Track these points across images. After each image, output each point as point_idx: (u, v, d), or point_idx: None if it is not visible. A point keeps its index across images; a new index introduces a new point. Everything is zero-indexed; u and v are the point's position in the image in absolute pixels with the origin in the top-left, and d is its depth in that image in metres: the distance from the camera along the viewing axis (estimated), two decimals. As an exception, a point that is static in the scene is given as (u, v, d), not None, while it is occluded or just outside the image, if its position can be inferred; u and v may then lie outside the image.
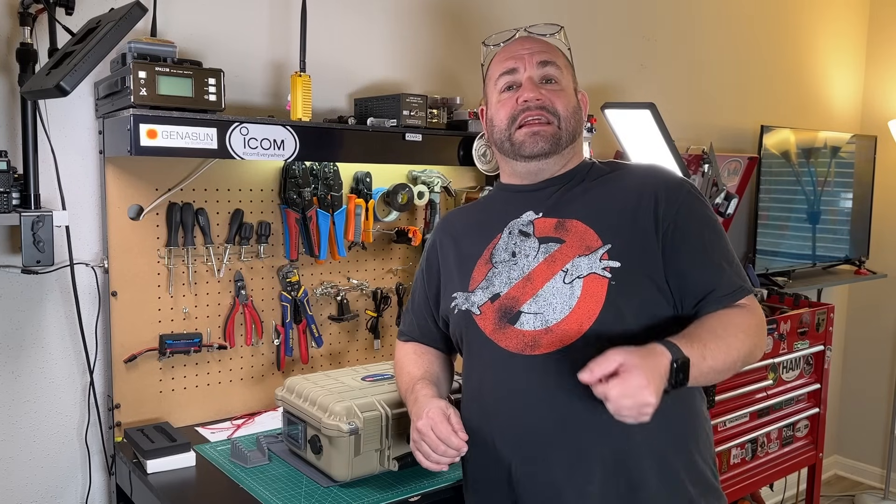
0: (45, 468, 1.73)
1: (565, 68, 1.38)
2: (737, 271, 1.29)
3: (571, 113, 1.35)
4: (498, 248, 1.36)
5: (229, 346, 1.90)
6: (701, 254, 1.27)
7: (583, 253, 1.27)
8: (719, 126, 3.22)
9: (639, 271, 1.25)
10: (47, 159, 1.62)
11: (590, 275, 1.25)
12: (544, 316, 1.26)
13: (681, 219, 1.28)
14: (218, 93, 1.57)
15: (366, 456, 1.49)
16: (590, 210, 1.32)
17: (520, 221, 1.36)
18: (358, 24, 2.10)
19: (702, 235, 1.29)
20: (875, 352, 3.97)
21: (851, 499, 3.88)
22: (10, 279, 1.65)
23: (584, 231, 1.29)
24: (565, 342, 1.24)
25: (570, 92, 1.37)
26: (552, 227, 1.33)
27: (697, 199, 1.32)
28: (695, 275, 1.26)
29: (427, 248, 1.53)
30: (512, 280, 1.32)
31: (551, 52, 1.38)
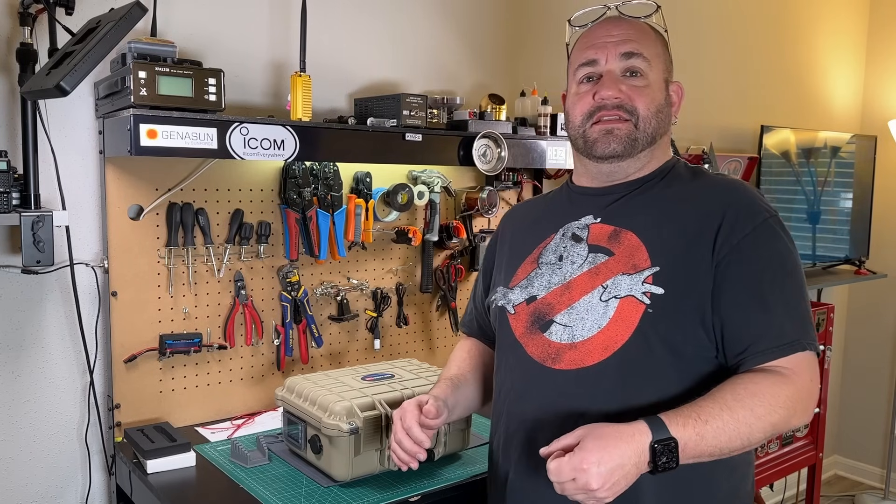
0: (45, 468, 1.73)
1: (656, 58, 1.23)
2: (796, 322, 1.12)
3: (654, 112, 1.22)
4: (547, 249, 1.29)
5: (229, 346, 1.90)
6: (752, 297, 1.12)
7: (627, 271, 1.17)
8: (719, 126, 3.22)
9: (683, 303, 1.14)
10: (47, 159, 1.62)
11: (627, 297, 1.16)
12: (573, 330, 1.20)
13: (741, 252, 1.13)
14: (218, 93, 1.57)
15: (366, 456, 1.49)
16: (649, 224, 1.20)
17: (576, 224, 1.28)
18: (358, 24, 2.10)
19: (761, 275, 1.13)
20: (875, 352, 3.97)
21: (851, 499, 3.87)
22: (10, 279, 1.65)
23: (636, 247, 1.19)
24: (586, 363, 1.17)
25: (658, 86, 1.23)
26: (607, 235, 1.23)
27: (770, 232, 1.16)
28: (737, 321, 1.13)
29: (490, 240, 1.49)
30: (552, 285, 1.25)
31: (640, 40, 1.23)
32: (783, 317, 1.12)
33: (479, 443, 1.72)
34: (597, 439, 1.01)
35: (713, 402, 1.06)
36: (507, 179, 2.34)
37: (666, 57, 1.26)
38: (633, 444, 1.01)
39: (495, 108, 2.19)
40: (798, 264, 1.17)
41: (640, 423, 1.03)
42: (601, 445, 1.00)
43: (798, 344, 1.11)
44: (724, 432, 1.04)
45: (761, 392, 1.07)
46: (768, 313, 1.12)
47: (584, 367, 1.17)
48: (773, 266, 1.14)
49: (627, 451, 1.00)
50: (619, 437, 1.01)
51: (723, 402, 1.06)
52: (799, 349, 1.11)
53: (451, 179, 2.23)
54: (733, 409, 1.05)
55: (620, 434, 1.02)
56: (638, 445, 1.01)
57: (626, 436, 1.01)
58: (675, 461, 1.02)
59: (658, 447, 1.01)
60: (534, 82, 2.33)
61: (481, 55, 2.38)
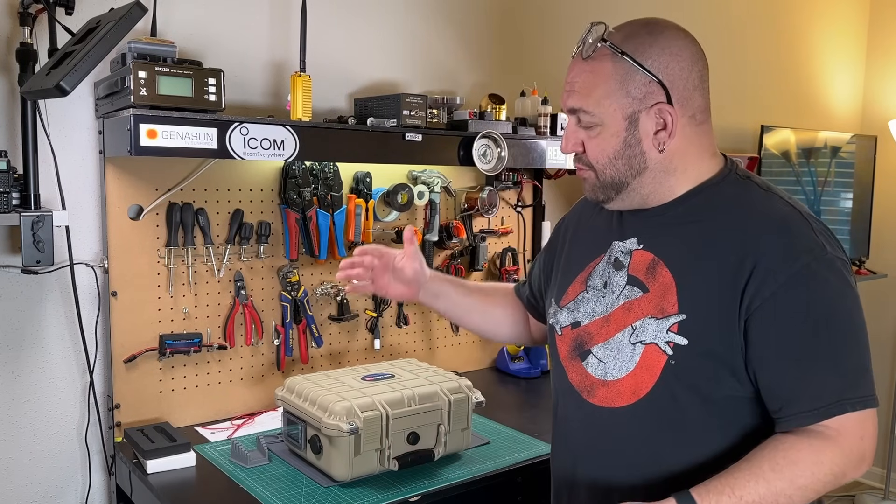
0: (45, 468, 1.73)
1: (606, 99, 1.12)
2: (840, 380, 1.03)
3: (607, 161, 1.14)
4: (596, 272, 1.24)
5: (229, 346, 1.90)
6: (784, 356, 1.04)
7: (655, 314, 1.11)
8: (719, 126, 3.18)
9: (709, 355, 1.07)
10: (47, 159, 1.62)
11: (651, 344, 1.11)
12: (606, 367, 1.17)
13: (772, 306, 1.04)
14: (218, 93, 1.57)
15: (366, 456, 1.49)
16: (684, 260, 1.12)
17: (621, 247, 1.21)
18: (358, 24, 2.10)
19: (794, 331, 1.04)
20: (875, 352, 3.91)
21: (851, 499, 3.87)
22: (10, 279, 1.65)
23: (668, 287, 1.12)
24: (617, 403, 1.15)
25: (613, 130, 1.13)
26: (645, 266, 1.16)
27: (809, 278, 1.04)
28: (769, 381, 1.06)
29: (559, 223, 1.44)
30: (595, 314, 1.20)
31: (585, 88, 1.14)
32: (823, 374, 1.03)
33: (479, 443, 1.72)
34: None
35: (749, 474, 1.00)
36: (507, 179, 2.34)
37: (628, 87, 1.11)
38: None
39: (495, 108, 2.19)
40: (846, 311, 1.06)
41: (671, 501, 1.00)
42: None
43: (838, 406, 1.02)
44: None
45: (802, 460, 1.00)
46: (804, 372, 1.04)
47: (616, 408, 1.15)
48: (812, 317, 1.04)
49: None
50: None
51: (759, 474, 1.00)
52: (838, 412, 1.02)
53: (451, 179, 2.23)
54: (770, 482, 0.99)
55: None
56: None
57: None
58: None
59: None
60: (534, 82, 2.32)
61: (481, 55, 2.38)
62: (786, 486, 0.99)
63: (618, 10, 2.76)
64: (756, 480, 0.99)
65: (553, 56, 2.48)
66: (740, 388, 1.08)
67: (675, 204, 1.17)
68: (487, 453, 1.67)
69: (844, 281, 1.06)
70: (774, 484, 0.99)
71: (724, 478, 1.00)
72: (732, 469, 1.01)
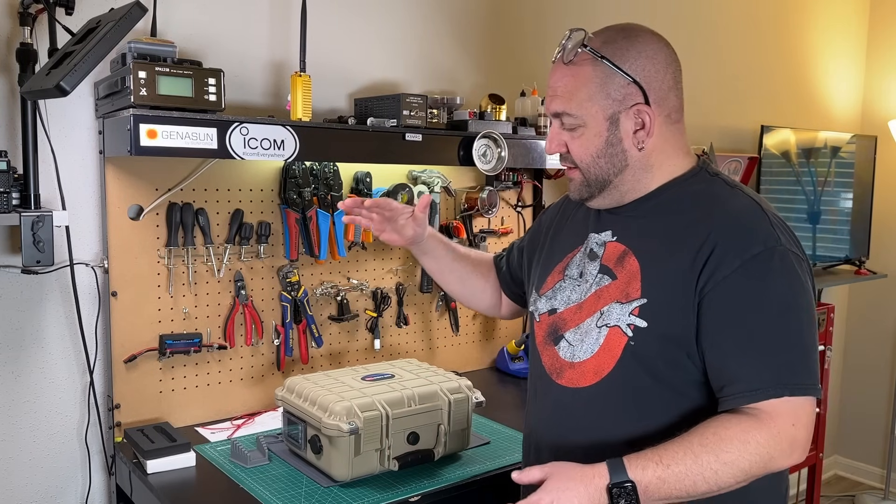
0: (45, 468, 1.73)
1: (589, 101, 1.18)
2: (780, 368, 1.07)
3: (592, 160, 1.20)
4: (573, 262, 1.31)
5: (229, 346, 1.90)
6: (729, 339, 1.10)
7: (620, 299, 1.19)
8: (719, 126, 3.22)
9: (665, 337, 1.14)
10: (47, 159, 1.62)
11: (614, 327, 1.18)
12: (574, 350, 1.24)
13: (724, 290, 1.10)
14: (218, 93, 1.57)
15: (366, 456, 1.49)
16: (652, 247, 1.19)
17: (596, 239, 1.28)
18: (358, 24, 2.10)
19: (742, 315, 1.09)
20: (875, 352, 3.96)
21: (851, 499, 3.87)
22: (10, 279, 1.65)
23: (634, 274, 1.19)
24: (581, 384, 1.23)
25: (596, 131, 1.18)
26: (616, 256, 1.23)
27: (763, 267, 1.09)
28: (714, 362, 1.11)
29: (541, 215, 1.53)
30: (570, 301, 1.27)
31: (568, 92, 1.19)
32: (763, 359, 1.08)
33: (479, 443, 1.72)
34: (557, 480, 1.06)
35: (679, 447, 1.06)
36: (507, 179, 2.34)
37: (609, 89, 1.17)
38: (590, 486, 1.04)
39: (495, 108, 2.18)
40: (796, 300, 1.10)
41: (601, 466, 1.06)
42: (559, 487, 1.05)
43: (775, 389, 1.06)
44: (688, 477, 1.04)
45: (730, 438, 1.05)
46: (746, 355, 1.09)
47: (579, 388, 1.23)
48: (763, 305, 1.09)
49: (583, 492, 1.04)
50: (579, 479, 1.05)
51: (688, 447, 1.06)
52: (774, 395, 1.06)
53: (451, 179, 2.23)
54: (698, 455, 1.05)
55: (581, 476, 1.06)
56: (595, 488, 1.04)
57: (586, 478, 1.05)
58: (635, 502, 1.04)
59: (615, 490, 1.03)
60: (534, 82, 2.32)
61: (481, 55, 2.38)
62: (712, 459, 1.04)
63: (619, 9, 2.76)
64: (685, 452, 1.05)
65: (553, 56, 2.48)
66: (695, 371, 1.14)
67: (646, 199, 1.23)
68: (487, 453, 1.67)
69: (795, 273, 1.11)
70: (701, 457, 1.04)
71: (656, 450, 1.06)
72: (667, 443, 1.07)
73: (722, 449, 1.05)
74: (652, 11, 2.88)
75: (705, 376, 1.14)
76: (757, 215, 1.15)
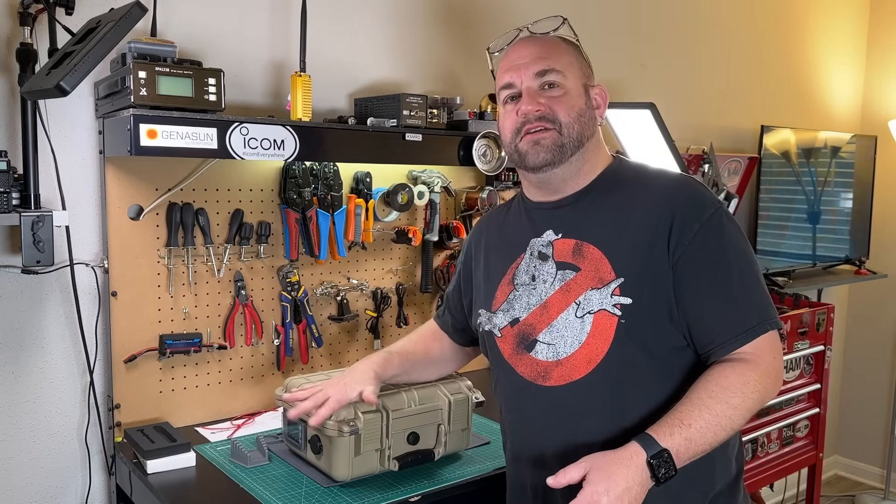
0: (45, 468, 1.73)
1: (570, 67, 1.29)
2: (754, 307, 1.19)
3: (575, 118, 1.27)
4: (520, 270, 1.34)
5: (229, 346, 1.90)
6: (709, 292, 1.19)
7: (595, 286, 1.23)
8: (719, 126, 3.22)
9: (651, 308, 1.21)
10: (47, 159, 1.62)
11: (600, 311, 1.22)
12: (556, 348, 1.26)
13: (693, 250, 1.20)
14: (218, 93, 1.57)
15: (366, 456, 1.49)
16: (607, 234, 1.26)
17: (540, 242, 1.33)
18: (358, 24, 2.10)
19: (714, 269, 1.20)
20: (875, 352, 3.96)
21: (851, 499, 3.87)
22: (10, 279, 1.65)
23: (600, 260, 1.24)
24: (574, 377, 1.24)
25: (577, 92, 1.28)
26: (570, 250, 1.28)
27: (718, 226, 1.21)
28: (699, 316, 1.20)
29: (464, 247, 1.56)
30: (531, 306, 1.31)
31: (551, 56, 1.29)
32: (741, 305, 1.19)
33: (479, 443, 1.72)
34: (600, 470, 1.09)
35: (692, 405, 1.14)
36: (507, 179, 2.34)
37: (582, 63, 1.31)
38: (632, 466, 1.08)
39: (495, 108, 2.18)
40: (747, 251, 1.23)
41: (633, 445, 1.11)
42: (606, 475, 1.08)
43: (759, 327, 1.18)
44: (710, 429, 1.12)
45: (731, 384, 1.15)
46: (726, 304, 1.19)
47: (573, 382, 1.24)
48: (724, 259, 1.20)
49: (629, 474, 1.08)
50: (620, 463, 1.09)
51: (700, 403, 1.13)
52: (760, 332, 1.18)
53: (451, 179, 2.23)
54: (711, 407, 1.13)
55: (619, 460, 1.09)
56: (637, 466, 1.09)
57: (624, 460, 1.09)
58: (673, 469, 1.09)
59: (654, 462, 1.09)
60: (534, 82, 2.32)
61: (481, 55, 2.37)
62: (724, 407, 1.13)
63: (619, 10, 2.76)
64: (699, 409, 1.13)
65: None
66: (678, 336, 1.22)
67: (582, 194, 1.31)
68: (487, 453, 1.67)
69: (737, 226, 1.25)
70: (714, 408, 1.13)
71: (673, 414, 1.13)
72: (678, 406, 1.15)
73: (729, 396, 1.13)
74: (652, 12, 2.88)
75: (685, 340, 1.22)
76: (696, 184, 1.29)
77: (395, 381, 1.53)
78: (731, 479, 1.30)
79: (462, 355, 1.62)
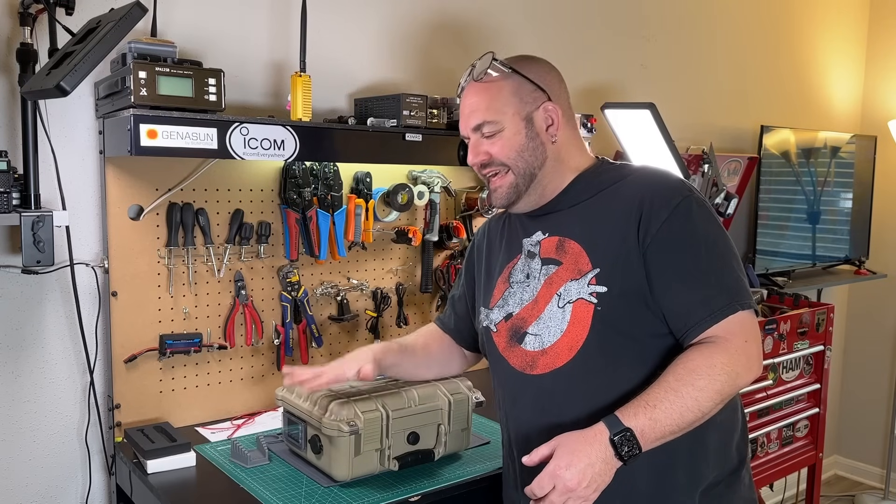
0: (45, 468, 1.73)
1: (505, 107, 1.32)
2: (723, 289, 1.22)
3: (517, 155, 1.32)
4: (516, 269, 1.41)
5: (229, 346, 1.90)
6: (679, 277, 1.23)
7: (574, 277, 1.29)
8: (719, 126, 3.22)
9: (626, 295, 1.25)
10: (47, 159, 1.62)
11: (578, 300, 1.28)
12: (542, 338, 1.32)
13: (662, 238, 1.24)
14: (218, 93, 1.57)
15: (366, 456, 1.49)
16: (586, 229, 1.32)
17: (530, 241, 1.40)
18: (358, 24, 2.10)
19: (683, 255, 1.23)
20: (875, 352, 3.96)
21: (851, 499, 3.87)
22: (10, 279, 1.65)
23: (579, 253, 1.31)
24: (556, 365, 1.30)
25: (514, 130, 1.32)
26: (554, 247, 1.35)
27: (685, 213, 1.25)
28: (671, 302, 1.23)
29: (470, 247, 1.60)
30: (523, 301, 1.37)
31: (483, 104, 1.33)
32: (709, 288, 1.22)
33: (479, 443, 1.72)
34: (564, 447, 1.14)
35: (658, 388, 1.17)
36: (507, 179, 2.34)
37: (520, 93, 1.33)
38: (595, 443, 1.13)
39: (495, 108, 2.18)
40: (719, 234, 1.26)
41: (599, 424, 1.15)
42: (569, 451, 1.13)
43: (728, 307, 1.21)
44: (675, 410, 1.15)
45: (698, 367, 1.17)
46: (696, 289, 1.22)
47: (557, 369, 1.30)
48: (694, 243, 1.24)
49: (591, 450, 1.12)
50: (584, 441, 1.14)
51: (667, 385, 1.17)
52: (730, 312, 1.20)
53: (451, 179, 2.23)
54: (677, 389, 1.16)
55: (584, 438, 1.14)
56: (600, 443, 1.13)
57: (588, 438, 1.14)
58: (637, 448, 1.13)
59: (616, 439, 1.13)
60: (534, 82, 2.32)
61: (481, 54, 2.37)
62: (689, 390, 1.16)
63: (620, 10, 2.76)
64: (665, 391, 1.16)
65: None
66: (654, 320, 1.25)
67: (564, 193, 1.36)
68: (487, 453, 1.67)
69: (710, 212, 1.28)
70: (680, 391, 1.16)
71: (640, 397, 1.17)
72: (648, 388, 1.18)
73: (694, 378, 1.16)
74: (652, 12, 2.88)
75: (666, 327, 1.25)
76: (667, 173, 1.33)
77: (393, 373, 1.55)
78: (731, 469, 1.33)
79: (461, 358, 1.64)
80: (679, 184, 1.30)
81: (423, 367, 1.60)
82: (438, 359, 1.61)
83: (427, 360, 1.60)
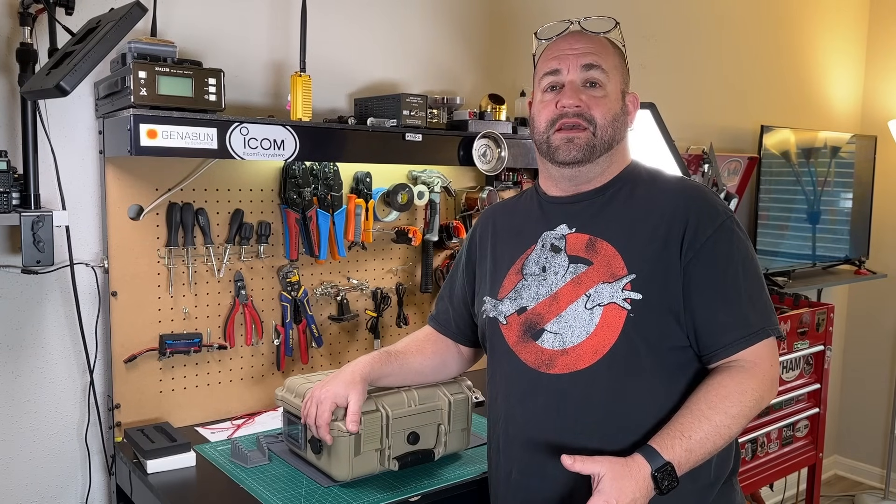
0: (45, 468, 1.73)
1: (614, 70, 1.32)
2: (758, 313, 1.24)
3: (610, 121, 1.30)
4: (530, 260, 1.36)
5: (229, 346, 1.90)
6: (717, 295, 1.23)
7: (607, 280, 1.26)
8: (719, 126, 3.22)
9: (660, 305, 1.24)
10: (47, 159, 1.62)
11: (610, 304, 1.25)
12: (563, 337, 1.28)
13: (705, 253, 1.24)
14: (218, 93, 1.57)
15: (366, 456, 1.49)
16: (621, 232, 1.29)
17: (553, 234, 1.35)
18: (358, 24, 2.10)
19: (723, 274, 1.24)
20: (875, 352, 3.96)
21: (851, 499, 3.88)
22: (10, 279, 1.65)
23: (613, 255, 1.27)
24: (578, 366, 1.26)
25: (615, 97, 1.31)
26: (583, 245, 1.31)
27: (729, 233, 1.26)
28: (706, 317, 1.23)
29: (468, 239, 1.56)
30: (540, 296, 1.33)
31: (599, 53, 1.31)
32: (747, 309, 1.23)
33: (479, 443, 1.72)
34: (611, 480, 1.13)
35: (691, 416, 1.18)
36: (507, 179, 2.34)
37: (623, 70, 1.35)
38: (639, 478, 1.13)
39: (495, 108, 2.19)
40: (753, 258, 1.28)
41: (639, 457, 1.15)
42: (617, 487, 1.12)
43: (762, 332, 1.23)
44: (709, 439, 1.17)
45: (730, 394, 1.19)
46: (733, 307, 1.23)
47: (578, 371, 1.26)
48: (734, 264, 1.25)
49: (635, 486, 1.13)
50: (629, 474, 1.13)
51: (700, 413, 1.18)
52: (763, 336, 1.22)
53: (451, 179, 2.23)
54: (710, 417, 1.17)
55: (629, 471, 1.14)
56: (643, 479, 1.13)
57: (633, 471, 1.14)
58: (676, 480, 1.14)
59: (658, 475, 1.14)
60: (534, 82, 2.32)
61: (481, 55, 2.38)
62: (723, 418, 1.17)
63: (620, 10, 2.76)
64: (699, 420, 1.17)
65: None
66: (680, 335, 1.25)
67: (598, 192, 1.34)
68: (487, 453, 1.67)
69: (745, 234, 1.30)
70: (713, 419, 1.17)
71: (673, 425, 1.18)
72: (678, 416, 1.19)
73: (727, 405, 1.18)
74: (652, 12, 2.88)
75: (688, 341, 1.25)
76: (708, 190, 1.34)
77: (389, 382, 1.52)
78: (728, 472, 1.34)
79: (457, 359, 1.59)
80: (723, 203, 1.31)
81: (420, 368, 1.54)
82: (433, 362, 1.56)
83: (422, 361, 1.54)
